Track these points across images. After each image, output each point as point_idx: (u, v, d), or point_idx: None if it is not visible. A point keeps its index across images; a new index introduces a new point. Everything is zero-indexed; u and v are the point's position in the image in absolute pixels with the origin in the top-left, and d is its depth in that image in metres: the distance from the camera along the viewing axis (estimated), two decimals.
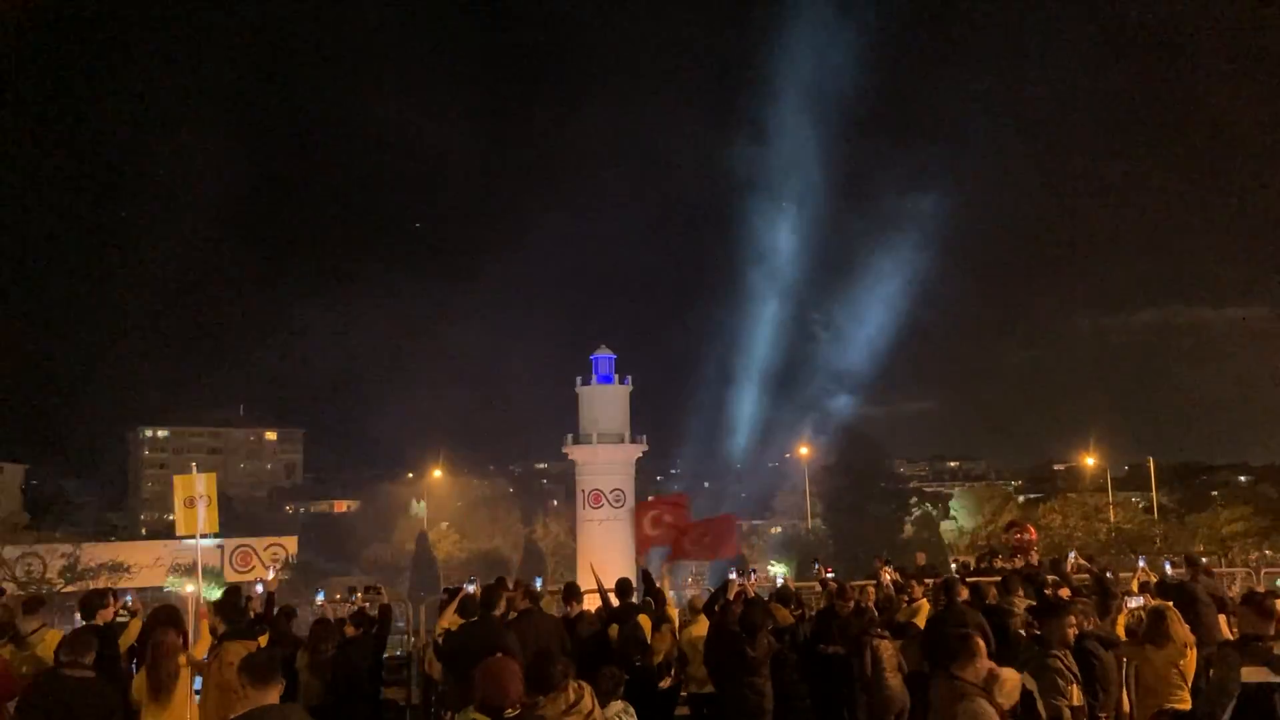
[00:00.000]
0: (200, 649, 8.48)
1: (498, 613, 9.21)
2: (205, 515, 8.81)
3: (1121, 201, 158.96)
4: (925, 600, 10.89)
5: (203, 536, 9.83)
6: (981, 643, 5.74)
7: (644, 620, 9.79)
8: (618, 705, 6.90)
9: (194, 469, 9.12)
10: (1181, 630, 8.42)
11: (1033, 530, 15.83)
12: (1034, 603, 10.58)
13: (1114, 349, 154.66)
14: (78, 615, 8.83)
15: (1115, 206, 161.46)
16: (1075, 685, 7.14)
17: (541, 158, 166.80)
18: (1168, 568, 12.81)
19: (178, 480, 8.93)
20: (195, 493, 8.76)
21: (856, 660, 9.57)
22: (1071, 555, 14.44)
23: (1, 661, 7.90)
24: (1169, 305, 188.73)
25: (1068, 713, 6.87)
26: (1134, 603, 10.03)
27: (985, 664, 5.61)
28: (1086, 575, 12.14)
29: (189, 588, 9.59)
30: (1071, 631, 7.54)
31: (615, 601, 10.82)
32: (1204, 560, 13.74)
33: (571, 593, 10.93)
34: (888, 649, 9.51)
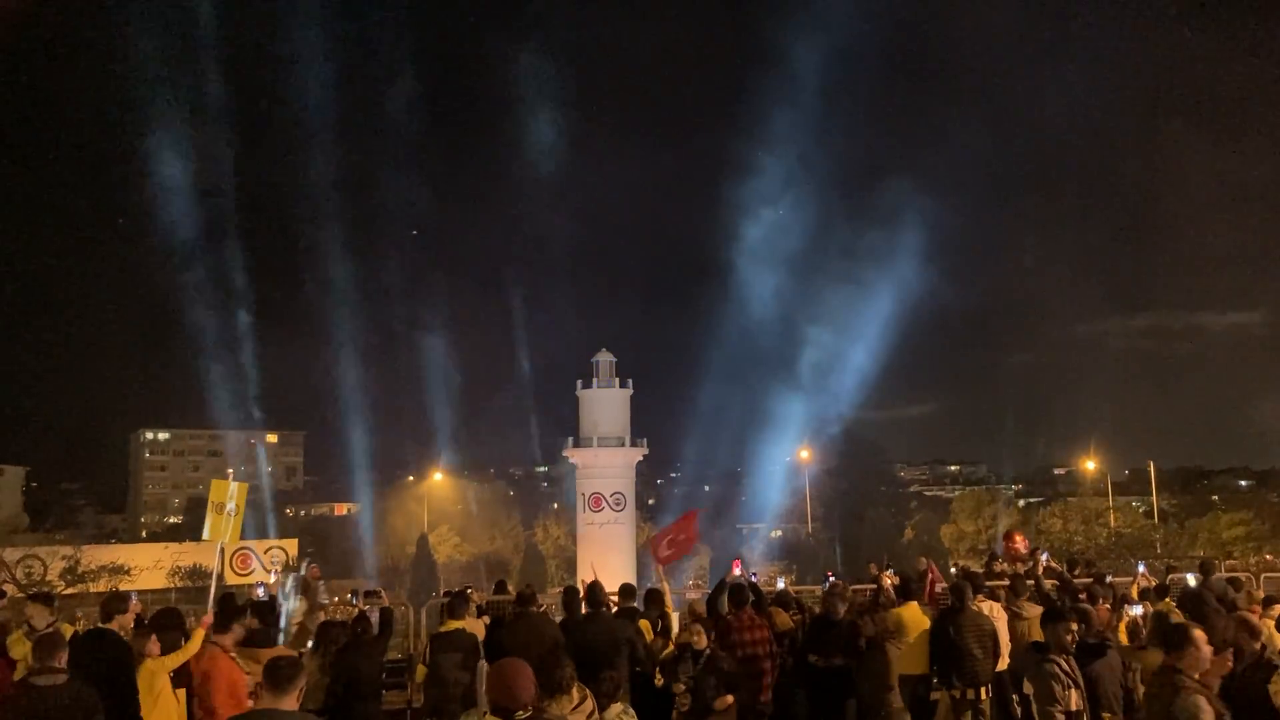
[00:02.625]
0: (185, 654, 8.33)
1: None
2: (233, 524, 8.87)
3: (1121, 206, 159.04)
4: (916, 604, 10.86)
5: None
6: (1202, 633, 5.80)
7: (645, 625, 9.86)
8: (617, 707, 6.98)
9: (229, 476, 9.19)
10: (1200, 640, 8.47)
11: (1020, 538, 15.85)
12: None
13: (1114, 353, 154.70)
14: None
15: (1115, 211, 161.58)
16: (1075, 690, 7.14)
17: (543, 158, 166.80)
18: (1190, 579, 12.80)
19: (215, 484, 8.97)
20: (228, 499, 8.78)
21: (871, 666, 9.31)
22: (1044, 557, 14.47)
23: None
24: (1168, 310, 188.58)
25: (1061, 718, 6.85)
26: (1135, 610, 10.05)
27: (1205, 654, 5.67)
28: (1056, 580, 12.15)
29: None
30: (1071, 638, 7.54)
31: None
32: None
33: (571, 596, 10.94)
34: (896, 656, 9.39)
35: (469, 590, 13.72)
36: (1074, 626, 7.66)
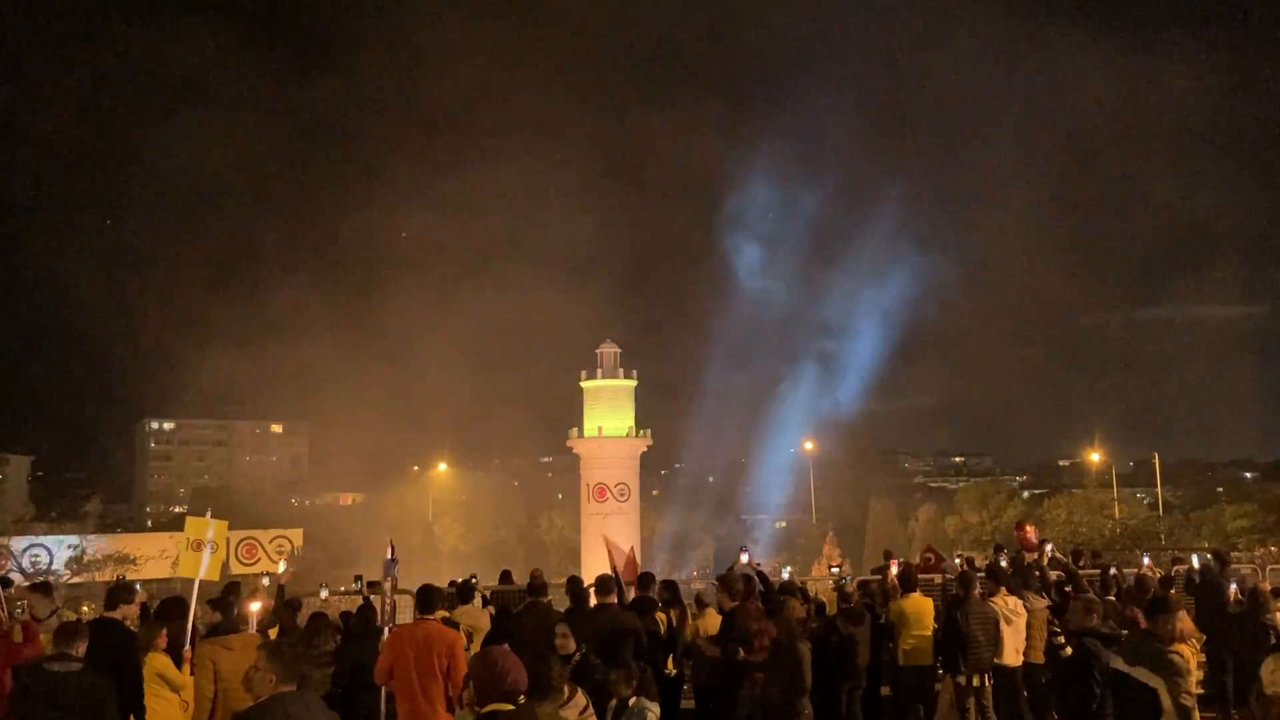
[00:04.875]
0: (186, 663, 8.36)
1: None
2: (209, 561, 8.76)
3: (1123, 198, 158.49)
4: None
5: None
6: None
7: (660, 617, 9.93)
8: (632, 698, 7.08)
9: (208, 514, 9.07)
10: (1186, 624, 8.48)
11: (1031, 529, 15.88)
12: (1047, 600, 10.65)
13: (1117, 345, 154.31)
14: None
15: (1116, 203, 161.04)
16: (1191, 679, 7.05)
17: (546, 149, 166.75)
18: (1195, 560, 12.92)
19: (190, 521, 8.89)
20: (205, 537, 8.69)
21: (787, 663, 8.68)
22: (1049, 547, 14.49)
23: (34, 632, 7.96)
24: (1169, 303, 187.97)
25: (1193, 704, 6.72)
26: None
27: None
28: (1061, 571, 12.14)
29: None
30: (1173, 628, 7.37)
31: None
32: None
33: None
34: (808, 655, 8.81)
35: (473, 579, 13.74)
36: (1181, 614, 7.49)
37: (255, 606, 8.41)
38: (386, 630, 8.36)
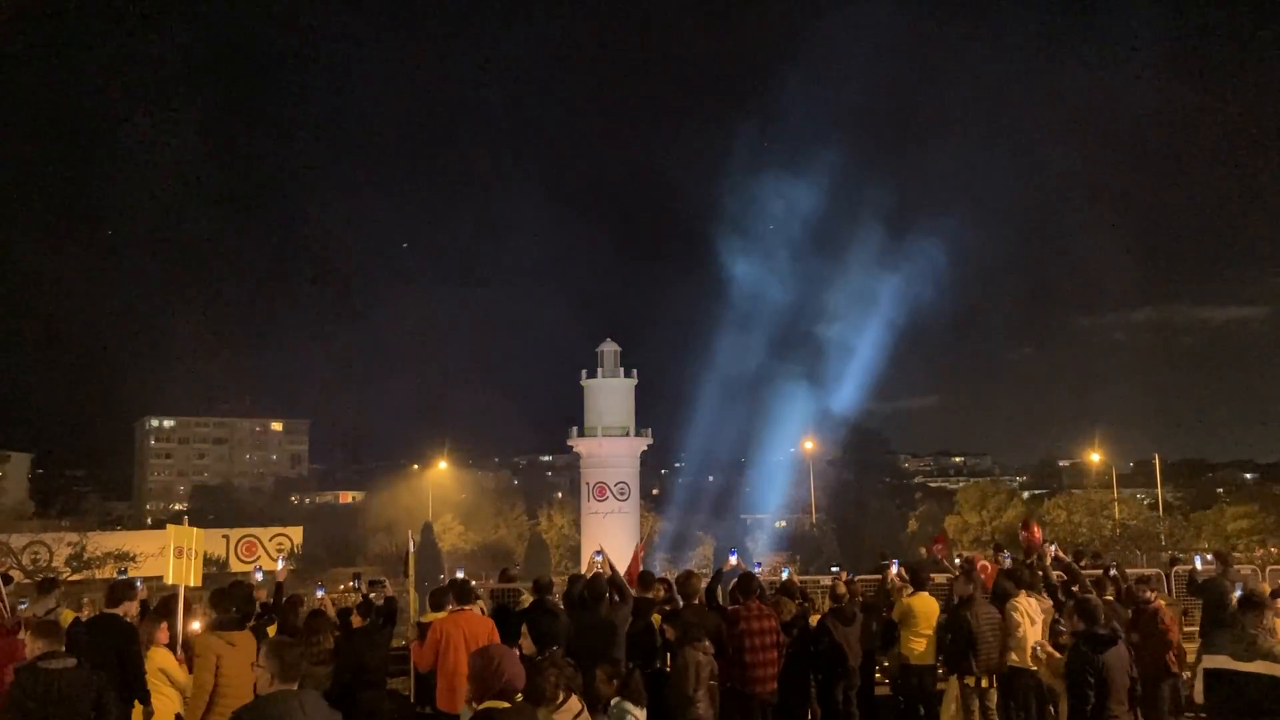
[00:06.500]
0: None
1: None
2: (189, 567, 8.83)
3: (1121, 200, 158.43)
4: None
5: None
6: None
7: (655, 617, 9.89)
8: (615, 699, 7.00)
9: (184, 522, 9.12)
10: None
11: (1037, 529, 15.83)
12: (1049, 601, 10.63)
13: (1116, 346, 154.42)
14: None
15: (1116, 205, 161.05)
16: None
17: (547, 147, 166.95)
18: (1198, 563, 12.91)
19: (171, 529, 8.98)
20: (185, 544, 8.72)
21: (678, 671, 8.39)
22: (1052, 548, 14.44)
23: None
24: (1168, 304, 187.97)
25: None
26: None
27: None
28: (1063, 571, 12.10)
29: (195, 624, 9.15)
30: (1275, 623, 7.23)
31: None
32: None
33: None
34: (702, 660, 8.50)
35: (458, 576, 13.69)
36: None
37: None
38: (420, 619, 8.53)
